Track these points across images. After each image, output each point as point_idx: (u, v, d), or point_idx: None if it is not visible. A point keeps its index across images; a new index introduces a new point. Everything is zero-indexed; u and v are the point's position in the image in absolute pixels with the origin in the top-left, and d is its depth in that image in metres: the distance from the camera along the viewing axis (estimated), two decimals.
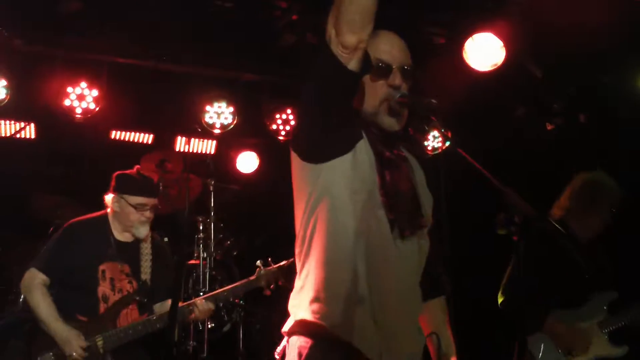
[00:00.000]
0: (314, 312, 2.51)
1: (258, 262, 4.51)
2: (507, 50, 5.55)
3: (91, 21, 5.58)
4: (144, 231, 4.50)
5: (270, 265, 4.51)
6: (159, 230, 6.12)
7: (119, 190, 4.49)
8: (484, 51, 5.58)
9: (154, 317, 4.28)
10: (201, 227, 6.25)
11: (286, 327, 2.62)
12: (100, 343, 4.19)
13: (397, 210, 2.55)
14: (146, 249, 4.55)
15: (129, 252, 4.49)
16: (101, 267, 4.34)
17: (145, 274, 4.47)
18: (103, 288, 4.32)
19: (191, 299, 5.75)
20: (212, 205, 6.29)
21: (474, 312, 5.36)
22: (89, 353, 4.16)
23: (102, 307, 4.30)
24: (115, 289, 4.35)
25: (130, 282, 4.41)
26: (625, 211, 4.65)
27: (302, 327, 2.55)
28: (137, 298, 4.38)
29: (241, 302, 6.15)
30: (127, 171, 4.57)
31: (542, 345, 4.47)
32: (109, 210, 4.53)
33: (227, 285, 6.19)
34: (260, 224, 7.24)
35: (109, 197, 4.52)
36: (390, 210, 2.54)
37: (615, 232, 4.68)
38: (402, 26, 2.83)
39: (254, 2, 5.54)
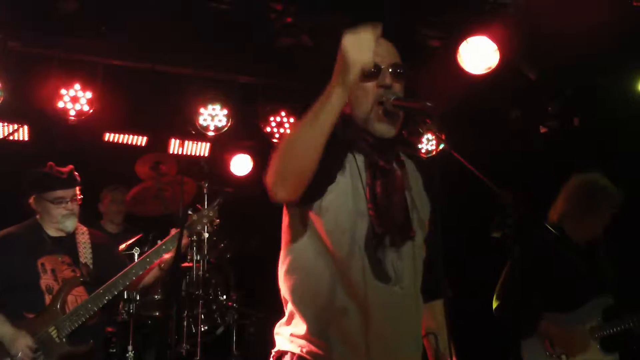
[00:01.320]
0: (302, 347, 2.52)
1: (189, 211, 4.46)
2: (501, 53, 5.56)
3: (85, 23, 5.56)
4: (70, 224, 4.46)
5: (201, 210, 4.46)
6: (153, 232, 6.13)
7: (35, 190, 4.47)
8: (479, 54, 5.58)
9: (101, 291, 4.23)
10: None
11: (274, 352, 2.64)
12: (54, 333, 4.17)
13: (387, 223, 2.53)
14: (83, 240, 4.53)
15: (66, 244, 4.47)
16: (40, 261, 4.32)
17: (85, 258, 4.44)
18: (46, 280, 4.29)
19: (185, 302, 5.76)
20: (206, 207, 6.27)
21: (468, 315, 5.36)
22: (42, 348, 4.12)
23: (48, 298, 4.26)
24: (59, 279, 4.31)
25: (73, 271, 4.38)
26: (624, 214, 4.63)
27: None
28: (82, 280, 4.34)
29: (234, 305, 6.14)
30: (39, 168, 4.51)
31: (533, 349, 4.46)
32: (37, 216, 4.51)
33: (221, 287, 6.21)
34: (253, 226, 7.22)
35: (31, 201, 4.50)
36: (380, 224, 2.51)
37: (615, 234, 4.67)
38: (397, 29, 2.82)
39: (249, 4, 5.53)
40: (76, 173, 4.53)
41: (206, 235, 4.43)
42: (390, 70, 2.58)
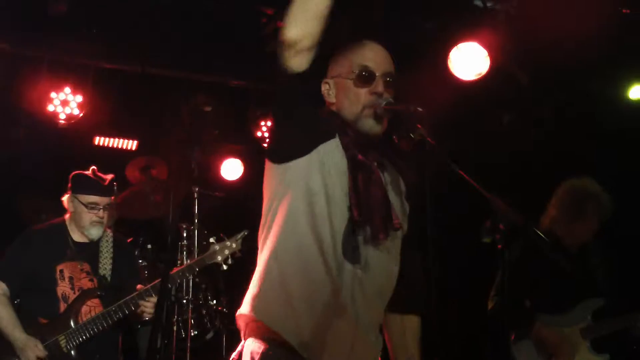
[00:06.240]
0: (253, 309, 2.56)
1: (212, 239, 4.41)
2: (491, 59, 5.58)
3: (76, 26, 5.55)
4: (95, 233, 4.44)
5: (224, 240, 4.43)
6: (143, 236, 6.11)
7: (73, 190, 4.46)
8: (469, 60, 5.60)
9: (113, 308, 4.21)
10: (185, 234, 6.21)
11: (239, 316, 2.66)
12: (63, 342, 4.16)
13: (367, 213, 2.55)
14: (106, 247, 4.51)
15: (88, 251, 4.45)
16: (59, 267, 4.31)
17: (104, 269, 4.42)
18: (62, 288, 4.29)
19: (174, 306, 5.74)
20: (196, 212, 6.26)
21: (458, 317, 5.37)
22: (49, 356, 4.12)
23: (63, 306, 4.26)
24: (75, 288, 4.31)
25: (91, 280, 4.37)
26: (617, 217, 4.67)
27: (251, 330, 2.59)
28: (98, 293, 4.33)
29: (224, 309, 6.12)
30: (83, 171, 4.50)
31: (525, 350, 4.51)
32: (66, 215, 4.51)
33: (211, 292, 6.19)
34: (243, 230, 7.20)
35: (65, 198, 4.50)
36: (361, 212, 2.53)
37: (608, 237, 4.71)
38: (388, 34, 2.84)
39: (240, 8, 5.54)
40: (115, 183, 4.52)
41: (224, 267, 4.34)
42: (383, 79, 2.64)
